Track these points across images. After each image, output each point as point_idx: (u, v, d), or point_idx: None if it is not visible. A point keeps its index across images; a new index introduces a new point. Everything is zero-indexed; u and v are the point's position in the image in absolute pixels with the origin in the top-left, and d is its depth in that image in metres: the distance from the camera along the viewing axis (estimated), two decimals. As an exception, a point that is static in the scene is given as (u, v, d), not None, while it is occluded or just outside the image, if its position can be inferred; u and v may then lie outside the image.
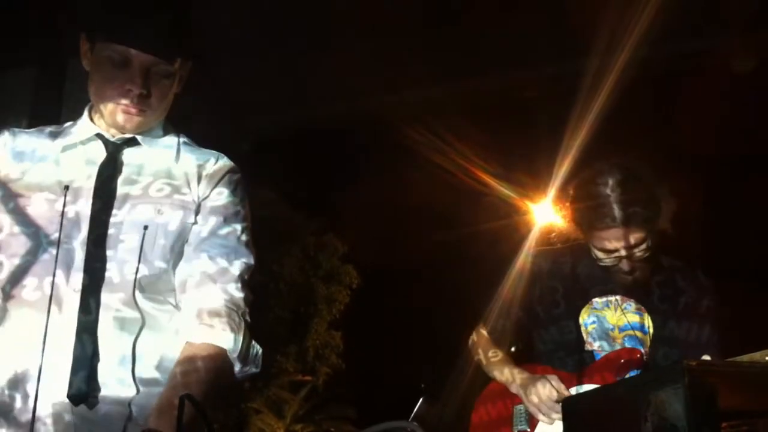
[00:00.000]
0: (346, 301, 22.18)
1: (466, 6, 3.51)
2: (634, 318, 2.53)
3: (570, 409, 1.82)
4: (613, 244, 2.41)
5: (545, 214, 8.70)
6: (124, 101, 1.83)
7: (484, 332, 2.72)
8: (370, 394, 19.73)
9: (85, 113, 1.94)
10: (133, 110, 1.84)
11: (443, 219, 18.74)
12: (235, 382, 1.84)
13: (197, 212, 1.88)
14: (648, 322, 2.53)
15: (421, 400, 2.23)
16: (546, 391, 2.40)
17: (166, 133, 1.96)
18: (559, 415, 2.40)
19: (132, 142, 1.90)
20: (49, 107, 3.49)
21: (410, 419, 2.08)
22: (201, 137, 2.04)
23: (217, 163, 1.95)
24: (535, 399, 2.42)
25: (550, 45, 3.58)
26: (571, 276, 2.62)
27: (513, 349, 2.75)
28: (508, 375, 2.56)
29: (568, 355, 2.54)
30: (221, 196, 1.91)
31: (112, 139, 1.89)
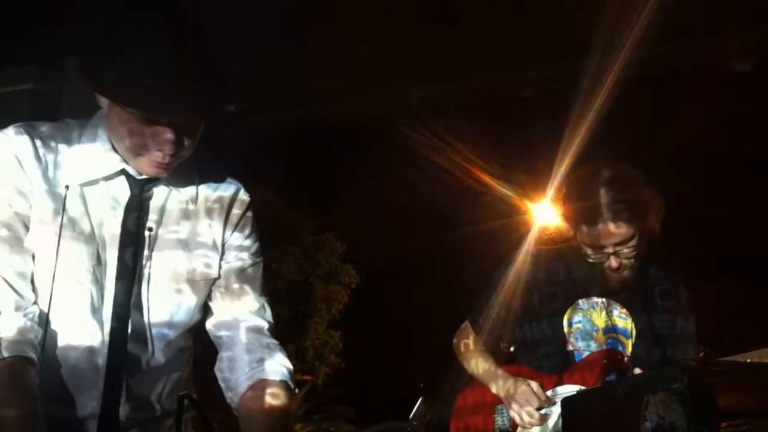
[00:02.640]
0: (345, 301, 22.18)
1: (465, 5, 3.51)
2: (619, 321, 2.56)
3: (569, 408, 1.82)
4: (601, 241, 2.45)
5: (544, 213, 8.71)
6: (155, 158, 1.73)
7: (468, 333, 2.75)
8: (370, 394, 19.74)
9: (104, 135, 1.81)
10: (164, 164, 1.76)
11: (442, 218, 18.75)
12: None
13: (224, 251, 1.92)
14: (631, 326, 2.56)
15: (420, 399, 2.22)
16: (525, 404, 2.43)
17: (184, 166, 1.86)
18: (537, 421, 2.44)
19: (155, 180, 1.83)
20: (48, 105, 3.49)
21: (410, 418, 2.08)
22: (200, 136, 2.03)
23: (238, 201, 1.95)
24: (517, 408, 2.45)
25: (549, 44, 3.58)
26: (562, 276, 2.65)
27: (512, 348, 2.77)
28: (494, 381, 2.59)
29: (551, 354, 2.57)
30: (243, 236, 1.95)
31: (138, 177, 1.81)
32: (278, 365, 1.90)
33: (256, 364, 1.88)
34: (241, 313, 1.93)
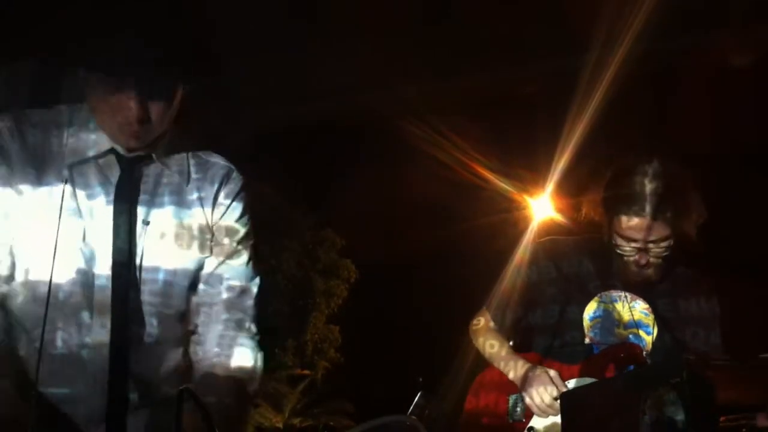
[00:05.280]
0: (345, 296, 22.23)
1: (465, 2, 3.51)
2: (641, 317, 2.53)
3: (569, 403, 1.82)
4: (636, 235, 2.41)
5: (543, 208, 8.73)
6: (125, 126, 1.74)
7: (486, 319, 2.72)
8: (369, 388, 19.77)
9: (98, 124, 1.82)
10: (135, 132, 1.75)
11: (441, 214, 18.77)
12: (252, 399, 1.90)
13: (212, 233, 1.89)
14: (653, 323, 2.52)
15: (419, 393, 2.23)
16: (542, 391, 2.40)
17: (176, 144, 1.88)
18: (553, 410, 2.40)
19: (145, 158, 1.83)
20: (47, 101, 3.48)
21: (408, 413, 2.08)
22: (200, 131, 2.03)
23: (228, 184, 1.93)
24: (534, 394, 2.42)
25: (549, 41, 3.58)
26: (574, 267, 2.61)
27: (511, 343, 2.75)
28: (509, 367, 2.55)
29: (567, 348, 2.54)
30: (234, 218, 1.92)
31: (127, 155, 1.81)
32: (245, 357, 1.87)
33: (226, 348, 1.86)
34: (222, 296, 1.90)
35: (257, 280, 1.95)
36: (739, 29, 3.56)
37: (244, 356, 1.83)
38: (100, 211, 1.78)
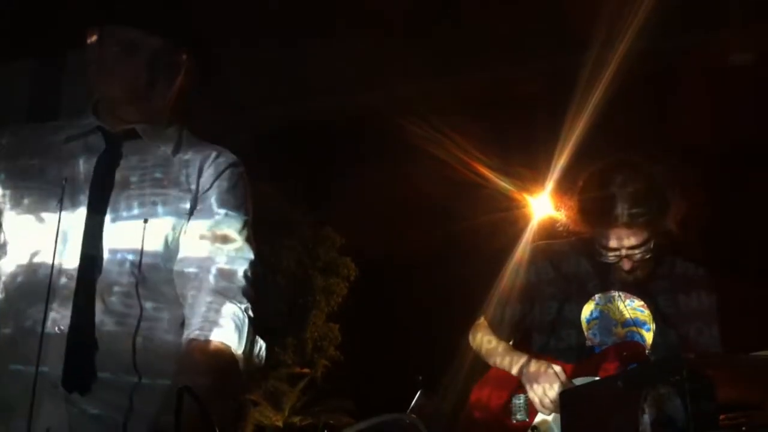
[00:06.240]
0: (344, 294, 22.22)
1: (465, 2, 3.51)
2: (638, 314, 2.52)
3: (568, 401, 1.83)
4: (615, 243, 2.39)
5: (543, 207, 8.73)
6: (130, 89, 1.82)
7: (485, 322, 2.71)
8: (368, 387, 19.78)
9: (90, 107, 1.91)
10: (139, 98, 1.83)
11: (441, 212, 18.78)
12: (240, 378, 1.85)
13: (195, 206, 1.86)
14: (650, 320, 2.51)
15: (419, 392, 2.23)
16: (547, 387, 2.38)
17: (169, 125, 1.93)
18: (557, 408, 2.38)
19: (132, 134, 1.87)
20: (47, 100, 3.48)
21: (408, 411, 2.08)
22: (199, 129, 2.03)
23: (219, 157, 1.92)
24: (539, 391, 2.40)
25: (549, 38, 3.57)
26: (571, 268, 2.60)
27: (510, 342, 2.74)
28: (511, 362, 2.54)
29: (567, 348, 2.53)
30: (222, 189, 1.89)
31: (113, 131, 1.87)
32: (227, 339, 1.77)
33: (207, 330, 1.77)
34: (209, 280, 1.82)
35: (248, 263, 1.86)
36: (739, 29, 3.55)
37: (225, 338, 1.76)
38: (82, 183, 1.81)
